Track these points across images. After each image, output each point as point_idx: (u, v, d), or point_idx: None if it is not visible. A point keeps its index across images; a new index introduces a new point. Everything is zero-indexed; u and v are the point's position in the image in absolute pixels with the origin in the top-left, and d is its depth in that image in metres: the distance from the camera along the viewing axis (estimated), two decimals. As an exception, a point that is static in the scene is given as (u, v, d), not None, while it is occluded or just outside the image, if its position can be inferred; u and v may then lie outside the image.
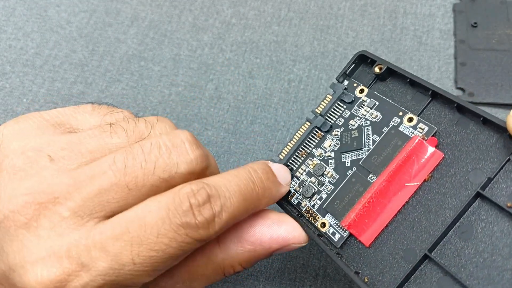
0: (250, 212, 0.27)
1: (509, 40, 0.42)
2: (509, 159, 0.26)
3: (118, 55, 0.45)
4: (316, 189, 0.30)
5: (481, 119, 0.27)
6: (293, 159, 0.32)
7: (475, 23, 0.44)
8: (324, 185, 0.30)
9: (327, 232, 0.29)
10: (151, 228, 0.23)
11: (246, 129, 0.40)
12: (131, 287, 0.24)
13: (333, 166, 0.30)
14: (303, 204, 0.30)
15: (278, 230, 0.28)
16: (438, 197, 0.27)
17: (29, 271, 0.22)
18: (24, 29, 0.47)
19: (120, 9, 0.48)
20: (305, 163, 0.31)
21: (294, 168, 0.32)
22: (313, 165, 0.31)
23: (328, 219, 0.29)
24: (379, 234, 0.28)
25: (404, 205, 0.27)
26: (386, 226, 0.27)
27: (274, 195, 0.28)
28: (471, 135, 0.27)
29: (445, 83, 0.42)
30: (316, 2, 0.48)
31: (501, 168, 0.26)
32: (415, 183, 0.27)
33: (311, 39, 0.46)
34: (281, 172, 0.30)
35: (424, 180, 0.27)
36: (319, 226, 0.29)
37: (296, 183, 0.31)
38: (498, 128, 0.26)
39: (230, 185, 0.25)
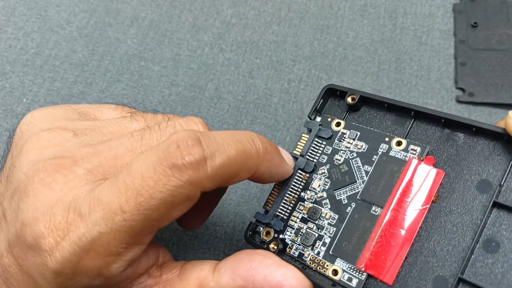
0: (252, 170, 0.25)
1: (509, 40, 0.42)
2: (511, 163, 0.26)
3: (118, 55, 0.45)
4: (317, 234, 0.28)
5: (473, 129, 0.27)
6: (282, 207, 0.30)
7: (475, 23, 0.44)
8: (325, 229, 0.28)
9: (341, 279, 0.27)
10: (136, 172, 0.22)
11: (246, 129, 0.40)
12: (132, 246, 0.23)
13: (329, 206, 0.29)
14: (306, 255, 0.28)
15: (275, 273, 0.26)
16: (451, 216, 0.26)
17: (40, 219, 0.23)
18: (24, 29, 0.47)
19: (120, 9, 0.48)
20: (297, 209, 0.29)
21: (286, 216, 0.29)
22: (306, 209, 0.29)
23: (339, 264, 0.27)
24: (400, 268, 0.26)
25: (418, 232, 0.26)
26: (406, 258, 0.26)
27: (277, 164, 0.27)
28: (466, 148, 0.27)
29: (445, 83, 0.41)
30: (316, 2, 0.48)
31: (508, 172, 0.26)
32: (424, 206, 0.26)
33: (311, 39, 0.46)
34: (284, 153, 0.29)
35: (432, 202, 0.27)
36: (330, 275, 0.27)
37: (291, 232, 0.29)
38: (493, 134, 0.26)
39: (226, 135, 0.24)
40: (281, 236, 0.29)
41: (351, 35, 0.46)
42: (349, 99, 0.30)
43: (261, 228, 0.30)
